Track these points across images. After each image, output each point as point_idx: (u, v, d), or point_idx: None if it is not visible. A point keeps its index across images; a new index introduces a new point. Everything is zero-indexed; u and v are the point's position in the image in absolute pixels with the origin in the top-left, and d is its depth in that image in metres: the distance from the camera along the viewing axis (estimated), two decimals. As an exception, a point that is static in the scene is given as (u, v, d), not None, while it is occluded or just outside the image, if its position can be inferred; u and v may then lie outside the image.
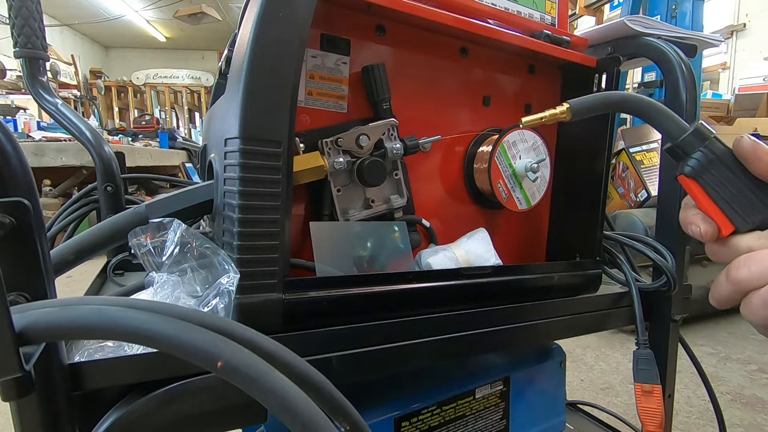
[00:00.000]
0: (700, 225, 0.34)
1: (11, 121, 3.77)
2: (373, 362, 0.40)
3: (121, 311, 0.22)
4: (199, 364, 0.22)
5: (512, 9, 0.54)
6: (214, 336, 0.22)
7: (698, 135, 0.33)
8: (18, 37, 0.59)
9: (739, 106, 3.30)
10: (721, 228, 0.34)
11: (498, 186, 0.53)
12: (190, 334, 0.22)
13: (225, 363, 0.21)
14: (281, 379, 0.22)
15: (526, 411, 0.58)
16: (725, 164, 0.33)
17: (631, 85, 3.08)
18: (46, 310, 0.21)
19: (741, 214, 0.33)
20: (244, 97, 0.34)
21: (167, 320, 0.22)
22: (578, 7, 3.45)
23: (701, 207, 0.35)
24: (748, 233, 0.33)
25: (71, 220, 0.69)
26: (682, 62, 0.53)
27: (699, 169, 0.34)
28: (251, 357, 0.22)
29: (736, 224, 0.33)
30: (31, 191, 0.25)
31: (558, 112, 0.35)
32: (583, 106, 0.35)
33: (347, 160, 0.45)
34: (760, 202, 0.33)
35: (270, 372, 0.22)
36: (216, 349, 0.22)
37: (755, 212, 0.33)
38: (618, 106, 0.36)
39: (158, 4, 6.52)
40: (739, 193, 0.33)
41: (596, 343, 2.10)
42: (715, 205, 0.34)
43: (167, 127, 5.28)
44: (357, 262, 0.45)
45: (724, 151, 0.33)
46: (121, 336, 0.22)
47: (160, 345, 0.21)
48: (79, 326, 0.21)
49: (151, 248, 0.37)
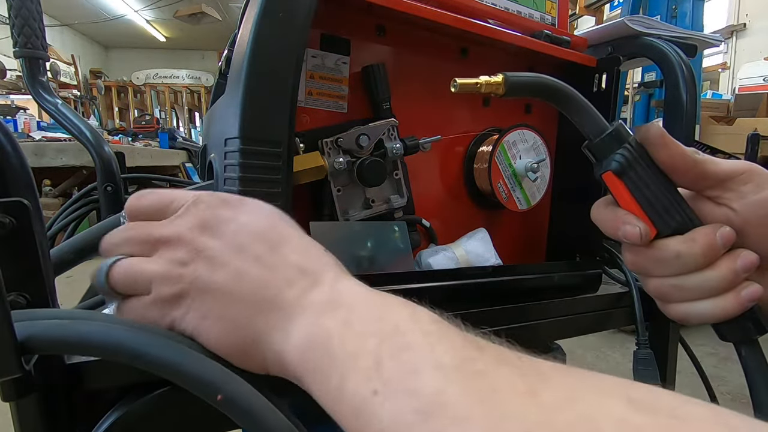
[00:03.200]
0: (639, 225, 0.32)
1: (11, 121, 3.77)
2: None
3: (128, 332, 0.22)
4: (198, 394, 0.22)
5: (512, 9, 0.54)
6: (217, 368, 0.22)
7: (618, 136, 0.33)
8: (18, 37, 0.59)
9: (739, 106, 3.30)
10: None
11: (498, 186, 0.53)
12: (194, 364, 0.22)
13: (225, 396, 0.22)
14: (278, 418, 0.22)
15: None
16: (646, 163, 0.32)
17: (631, 85, 3.07)
18: (54, 322, 0.21)
19: (663, 216, 0.32)
20: (244, 97, 0.34)
21: (173, 347, 0.22)
22: (578, 7, 3.45)
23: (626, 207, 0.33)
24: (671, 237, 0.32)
25: (71, 220, 0.69)
26: (682, 62, 0.53)
27: (626, 166, 0.32)
28: (251, 393, 0.22)
29: (659, 227, 0.32)
30: (31, 191, 0.25)
31: (493, 81, 0.33)
32: (518, 81, 0.33)
33: (347, 160, 0.45)
34: (676, 204, 0.32)
35: (267, 409, 0.22)
36: (218, 381, 0.22)
37: (674, 214, 0.32)
38: (548, 93, 0.34)
39: (158, 4, 6.52)
40: (660, 195, 0.32)
41: (596, 343, 2.10)
42: (639, 206, 0.32)
43: (167, 127, 5.28)
44: (357, 262, 0.45)
45: (643, 151, 0.32)
46: (125, 358, 0.22)
47: (164, 372, 0.22)
48: (85, 343, 0.21)
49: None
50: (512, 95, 0.33)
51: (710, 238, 0.31)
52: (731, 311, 0.32)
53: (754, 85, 3.96)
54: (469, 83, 0.33)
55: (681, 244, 0.32)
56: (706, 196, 0.34)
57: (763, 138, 2.54)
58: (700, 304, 0.33)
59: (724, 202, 0.33)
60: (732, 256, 0.32)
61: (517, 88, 0.33)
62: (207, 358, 0.22)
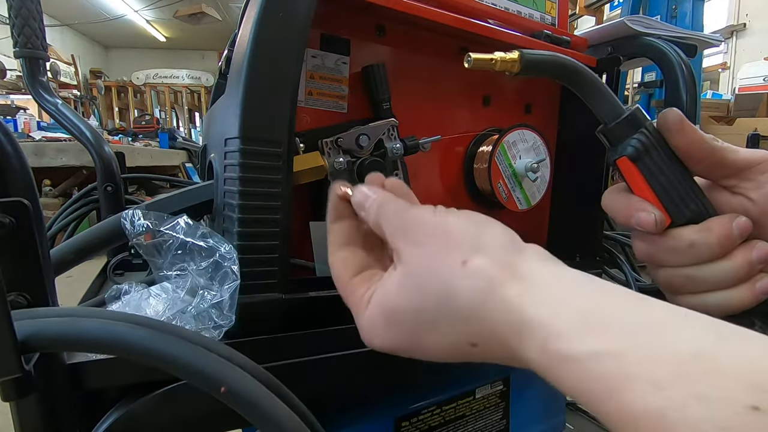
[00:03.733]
0: (654, 212, 0.31)
1: (11, 121, 3.77)
2: (373, 362, 0.40)
3: (129, 328, 0.22)
4: (201, 387, 0.22)
5: (512, 9, 0.54)
6: (220, 361, 0.22)
7: (634, 120, 0.32)
8: (18, 37, 0.59)
9: (739, 106, 3.31)
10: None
11: (498, 186, 0.53)
12: (197, 357, 0.22)
13: (228, 388, 0.22)
14: (281, 408, 0.22)
15: (527, 411, 0.58)
16: (662, 150, 0.31)
17: (631, 84, 3.07)
18: (54, 320, 0.21)
19: (678, 204, 0.31)
20: (244, 97, 0.34)
21: (175, 341, 0.22)
22: (578, 7, 3.45)
23: (640, 194, 0.32)
24: (685, 226, 0.31)
25: (71, 220, 0.69)
26: (682, 62, 0.53)
27: (642, 151, 0.31)
28: (254, 384, 0.22)
29: (673, 215, 0.31)
30: (31, 191, 0.25)
31: (508, 58, 0.32)
32: (534, 59, 0.32)
33: (347, 160, 0.45)
34: (692, 193, 0.31)
35: (270, 400, 0.22)
36: (221, 374, 0.22)
37: (689, 203, 0.31)
38: (565, 73, 0.33)
39: (158, 4, 6.52)
40: (676, 182, 0.31)
41: (596, 343, 2.10)
42: (653, 193, 0.31)
43: (167, 127, 5.27)
44: (357, 262, 0.45)
45: (660, 137, 0.31)
46: (127, 353, 0.22)
47: (166, 366, 0.22)
48: (85, 340, 0.21)
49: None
50: (527, 74, 0.32)
51: (726, 228, 0.30)
52: (745, 303, 0.31)
53: (754, 85, 3.95)
54: (483, 59, 0.32)
55: (696, 233, 0.31)
56: (723, 186, 0.33)
57: (763, 138, 2.54)
58: (713, 296, 0.32)
59: (741, 192, 0.32)
60: (748, 246, 0.31)
61: (532, 66, 0.32)
62: (208, 352, 0.22)
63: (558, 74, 0.33)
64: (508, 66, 0.32)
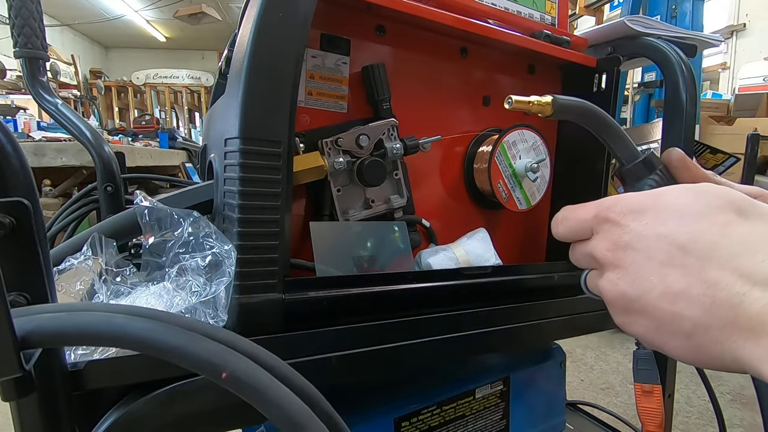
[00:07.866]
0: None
1: (11, 121, 3.76)
2: (373, 362, 0.40)
3: (128, 319, 0.21)
4: (203, 375, 0.22)
5: (512, 9, 0.54)
6: (220, 347, 0.22)
7: (649, 163, 0.35)
8: (18, 37, 0.59)
9: (739, 106, 3.30)
10: None
11: (498, 186, 0.53)
12: (196, 344, 0.22)
13: (229, 374, 0.22)
14: (284, 391, 0.22)
15: (526, 411, 0.58)
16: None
17: (631, 85, 3.07)
18: (52, 315, 0.21)
19: None
20: (244, 97, 0.34)
21: (174, 330, 0.22)
22: (578, 7, 3.45)
23: None
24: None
25: (71, 220, 0.69)
26: (682, 62, 0.53)
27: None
28: (255, 369, 0.22)
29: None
30: (31, 191, 0.25)
31: (543, 102, 0.35)
32: (564, 104, 0.36)
33: (347, 160, 0.45)
34: None
35: (272, 384, 0.22)
36: (221, 360, 0.22)
37: None
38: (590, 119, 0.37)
39: (158, 4, 6.52)
40: None
41: (596, 343, 2.10)
42: None
43: (167, 127, 5.27)
44: (357, 262, 0.45)
45: (671, 178, 0.35)
46: (126, 344, 0.22)
47: (166, 354, 0.22)
48: (85, 333, 0.21)
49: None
50: (558, 117, 0.36)
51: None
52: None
53: (754, 85, 3.95)
54: (522, 101, 0.36)
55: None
56: None
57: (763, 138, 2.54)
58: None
59: None
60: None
61: (563, 110, 0.36)
62: (208, 339, 0.22)
63: (585, 119, 0.37)
64: (542, 109, 0.35)
